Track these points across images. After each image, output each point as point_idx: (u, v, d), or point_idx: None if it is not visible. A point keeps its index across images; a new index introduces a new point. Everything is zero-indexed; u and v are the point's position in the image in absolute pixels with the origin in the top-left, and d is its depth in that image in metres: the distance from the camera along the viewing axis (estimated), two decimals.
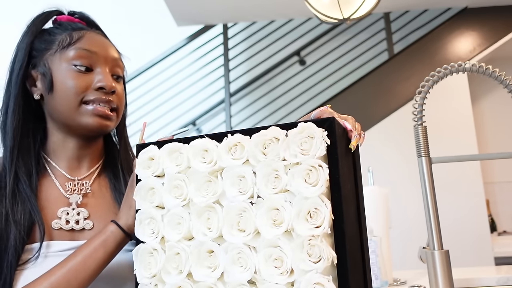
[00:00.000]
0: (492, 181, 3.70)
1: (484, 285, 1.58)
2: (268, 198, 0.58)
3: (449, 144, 3.04)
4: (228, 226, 0.60)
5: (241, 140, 0.62)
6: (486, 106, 3.83)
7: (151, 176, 0.68)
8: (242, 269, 0.58)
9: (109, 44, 0.84)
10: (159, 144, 0.68)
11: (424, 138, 0.82)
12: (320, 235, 0.54)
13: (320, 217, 0.55)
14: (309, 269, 0.54)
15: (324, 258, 0.54)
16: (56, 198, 0.79)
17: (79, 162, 0.84)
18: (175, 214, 0.64)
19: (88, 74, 0.79)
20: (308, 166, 0.57)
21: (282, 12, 3.57)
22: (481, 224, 3.07)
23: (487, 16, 3.39)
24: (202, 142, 0.65)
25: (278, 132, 0.60)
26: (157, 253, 0.64)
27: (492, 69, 0.82)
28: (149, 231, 0.66)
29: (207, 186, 0.63)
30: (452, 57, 3.33)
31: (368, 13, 2.10)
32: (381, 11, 3.56)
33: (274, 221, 0.58)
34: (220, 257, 0.60)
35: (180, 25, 3.69)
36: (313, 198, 0.56)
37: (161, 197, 0.66)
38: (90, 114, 0.78)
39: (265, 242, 0.57)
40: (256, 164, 0.61)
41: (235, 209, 0.60)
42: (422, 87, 0.82)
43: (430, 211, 0.80)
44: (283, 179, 0.58)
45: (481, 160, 3.38)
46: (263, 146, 0.61)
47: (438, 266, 0.77)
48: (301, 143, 0.59)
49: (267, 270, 0.56)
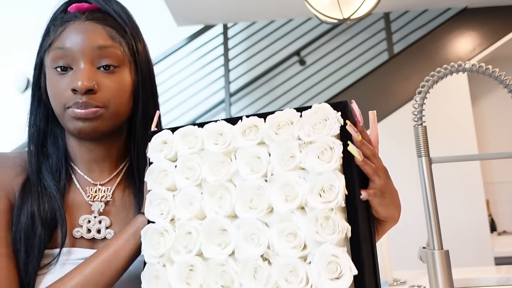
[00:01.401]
0: (492, 181, 3.70)
1: (484, 285, 1.58)
2: (281, 175, 0.59)
3: (449, 144, 3.04)
4: (241, 203, 0.60)
5: (256, 122, 0.63)
6: (486, 106, 3.83)
7: (163, 159, 0.67)
8: (254, 245, 0.57)
9: (93, 31, 0.73)
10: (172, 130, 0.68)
11: (424, 138, 0.82)
12: (334, 208, 0.55)
13: (334, 191, 0.56)
14: (323, 241, 0.54)
15: (339, 230, 0.54)
16: (79, 203, 0.77)
17: (99, 166, 0.80)
18: (187, 193, 0.63)
19: (66, 75, 0.72)
20: (322, 144, 0.58)
21: (282, 12, 3.57)
22: (481, 224, 3.07)
23: (487, 16, 3.39)
24: (217, 125, 0.65)
25: (293, 114, 0.62)
26: (166, 233, 0.63)
27: (492, 69, 0.82)
28: (159, 212, 0.65)
29: (220, 166, 0.63)
30: (452, 57, 3.33)
31: (368, 13, 2.10)
32: (381, 11, 3.56)
33: (288, 197, 0.58)
34: (232, 234, 0.59)
35: (180, 25, 3.69)
36: (327, 173, 0.56)
37: (173, 179, 0.65)
38: (71, 119, 0.72)
39: (279, 217, 0.57)
40: (270, 143, 0.61)
41: (248, 187, 0.60)
42: (422, 87, 0.82)
43: (430, 211, 0.80)
44: (297, 157, 0.59)
45: (481, 160, 3.38)
46: (277, 127, 0.62)
47: (438, 266, 0.77)
48: (315, 123, 0.60)
49: (280, 244, 0.56)
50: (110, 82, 0.73)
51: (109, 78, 0.73)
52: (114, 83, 0.73)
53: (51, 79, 0.73)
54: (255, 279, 0.56)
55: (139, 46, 0.78)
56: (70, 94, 0.71)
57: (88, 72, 0.71)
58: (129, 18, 0.79)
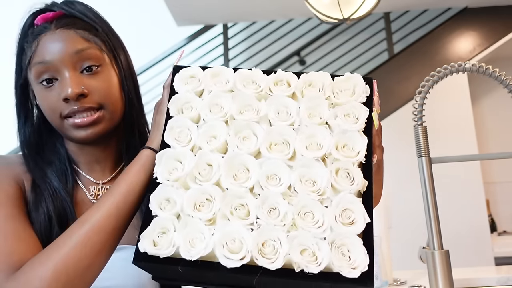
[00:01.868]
0: (492, 181, 3.70)
1: (484, 285, 1.58)
2: (309, 127, 0.63)
3: (449, 144, 3.04)
4: (266, 145, 0.62)
5: (289, 78, 0.67)
6: (486, 106, 3.83)
7: (190, 91, 0.67)
8: (276, 183, 0.59)
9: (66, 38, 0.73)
10: (202, 68, 0.70)
11: (424, 138, 0.82)
12: (355, 163, 0.60)
13: (356, 149, 0.61)
14: (342, 189, 0.58)
15: (358, 183, 0.58)
16: (83, 202, 0.78)
17: (100, 166, 0.81)
18: (212, 126, 0.63)
19: (53, 87, 0.73)
20: (350, 107, 0.64)
21: (282, 12, 3.57)
22: (481, 224, 3.07)
23: (487, 16, 3.39)
24: (251, 72, 0.68)
25: (326, 76, 0.67)
26: (185, 159, 0.61)
27: (492, 69, 0.82)
28: (178, 138, 0.64)
29: (249, 108, 0.65)
30: (452, 57, 3.33)
31: (368, 13, 2.10)
32: (381, 11, 3.56)
33: (313, 147, 0.62)
34: (254, 171, 0.60)
35: (180, 25, 3.69)
36: (352, 132, 0.62)
37: (198, 112, 0.65)
38: (72, 128, 0.73)
39: (302, 162, 0.60)
40: (300, 97, 0.66)
41: (276, 131, 0.63)
42: (422, 87, 0.82)
43: (430, 211, 0.80)
44: (325, 114, 0.64)
45: (481, 160, 3.38)
46: (309, 85, 0.67)
47: (438, 266, 0.77)
48: (344, 89, 0.66)
49: (301, 186, 0.59)
50: (98, 83, 0.74)
51: (95, 79, 0.74)
52: (101, 82, 0.74)
53: (40, 94, 0.74)
54: (271, 214, 0.57)
55: (113, 40, 0.79)
56: (63, 104, 0.72)
57: (74, 78, 0.71)
58: (95, 15, 0.79)
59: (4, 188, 0.72)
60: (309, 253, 0.55)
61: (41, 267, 0.59)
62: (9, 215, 0.69)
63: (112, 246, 0.63)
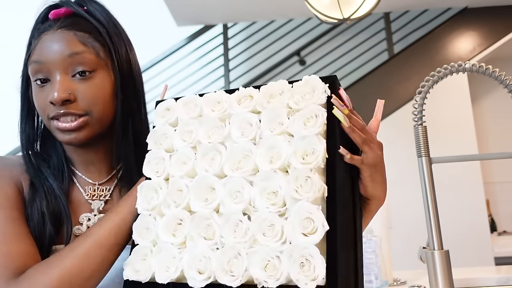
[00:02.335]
0: (492, 181, 3.70)
1: (484, 285, 1.58)
2: (269, 138, 0.63)
3: (449, 144, 3.04)
4: (230, 164, 0.64)
5: (251, 92, 0.68)
6: (486, 106, 3.83)
7: (165, 123, 0.72)
8: (237, 201, 0.61)
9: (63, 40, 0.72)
10: (176, 99, 0.74)
11: (424, 138, 0.82)
12: (313, 169, 0.58)
13: (316, 154, 0.59)
14: (300, 198, 0.57)
15: (316, 189, 0.57)
16: (79, 202, 0.78)
17: (96, 167, 0.81)
18: (182, 154, 0.68)
19: (45, 87, 0.73)
20: (309, 111, 0.62)
21: (282, 12, 3.57)
22: (481, 224, 3.07)
23: (487, 16, 3.39)
24: (216, 94, 0.70)
25: (285, 85, 0.66)
26: (160, 189, 0.67)
27: (492, 69, 0.82)
28: (156, 170, 0.69)
29: (215, 130, 0.67)
30: (452, 57, 3.33)
31: (368, 13, 2.10)
32: (381, 11, 3.56)
33: (273, 158, 0.62)
34: (219, 191, 0.63)
35: (180, 25, 3.69)
36: (310, 137, 0.60)
37: (172, 141, 0.70)
38: (57, 130, 0.73)
39: (262, 176, 0.61)
40: (261, 110, 0.66)
41: (238, 148, 0.64)
42: (422, 87, 0.83)
43: (430, 211, 0.80)
44: (285, 123, 0.63)
45: (481, 160, 3.38)
46: (270, 96, 0.67)
47: (438, 266, 0.77)
48: (304, 93, 0.65)
49: (261, 200, 0.59)
50: (87, 89, 0.72)
51: (85, 84, 0.72)
52: (92, 88, 0.73)
53: (34, 92, 0.75)
54: (235, 232, 0.59)
55: (118, 45, 0.77)
56: (50, 106, 0.72)
57: (63, 83, 0.71)
58: (106, 17, 0.77)
59: (4, 189, 0.72)
60: (271, 268, 0.56)
61: (44, 275, 0.61)
62: (9, 218, 0.69)
63: (111, 260, 0.67)
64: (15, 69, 0.79)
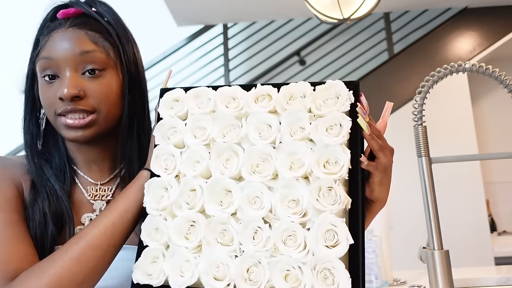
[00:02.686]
0: (492, 181, 3.70)
1: (484, 285, 1.58)
2: (290, 144, 0.60)
3: (449, 144, 3.04)
4: (247, 167, 0.61)
5: (270, 91, 0.64)
6: (486, 106, 3.83)
7: (173, 115, 0.68)
8: (257, 207, 0.58)
9: (75, 38, 0.73)
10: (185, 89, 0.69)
11: (424, 138, 0.82)
12: (338, 180, 0.57)
13: (339, 164, 0.57)
14: (324, 210, 0.55)
15: (340, 201, 0.55)
16: (81, 202, 0.78)
17: (98, 166, 0.81)
18: (194, 151, 0.64)
19: (54, 84, 0.73)
20: (332, 118, 0.60)
21: (282, 12, 3.57)
22: (481, 224, 3.07)
23: (487, 16, 3.39)
24: (231, 89, 0.66)
25: (307, 87, 0.63)
26: (170, 188, 0.63)
27: (492, 69, 0.82)
28: (165, 166, 0.65)
29: (230, 129, 0.64)
30: (452, 57, 3.33)
31: (368, 13, 2.10)
32: (381, 11, 3.56)
33: (294, 165, 0.59)
34: (236, 195, 0.60)
35: (180, 25, 3.69)
36: (334, 146, 0.58)
37: (182, 137, 0.66)
38: (64, 127, 0.73)
39: (283, 183, 0.59)
40: (281, 112, 0.63)
41: (256, 151, 0.61)
42: (422, 87, 0.82)
43: (430, 211, 0.80)
44: (307, 128, 0.61)
45: (481, 160, 3.38)
46: (290, 97, 0.63)
47: (438, 266, 0.77)
48: (326, 98, 0.62)
49: (282, 208, 0.57)
50: (97, 86, 0.73)
51: (95, 82, 0.73)
52: (101, 86, 0.74)
53: (41, 87, 0.75)
54: (254, 240, 0.57)
55: (126, 47, 0.78)
56: (58, 102, 0.72)
57: (73, 79, 0.72)
58: (115, 19, 0.79)
59: (3, 191, 0.72)
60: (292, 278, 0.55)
61: (36, 280, 0.60)
62: (8, 221, 0.69)
63: (107, 262, 0.64)
64: (15, 69, 0.79)
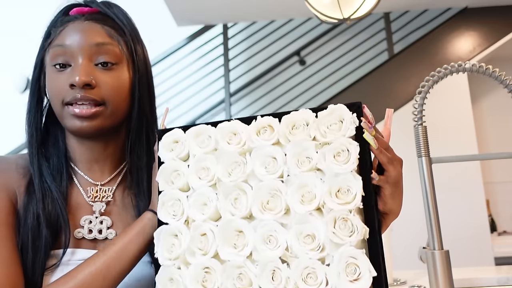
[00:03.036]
0: (492, 181, 3.70)
1: (484, 285, 1.58)
2: (298, 176, 0.59)
3: (449, 144, 3.04)
4: (258, 204, 0.59)
5: (271, 122, 0.63)
6: (486, 106, 3.83)
7: (175, 158, 0.66)
8: (272, 247, 0.57)
9: (91, 30, 0.74)
10: (183, 128, 0.67)
11: (424, 138, 0.82)
12: (353, 210, 0.55)
13: (352, 192, 0.56)
14: (342, 243, 0.54)
15: (358, 232, 0.54)
16: (79, 204, 0.77)
17: (99, 165, 0.80)
18: (201, 194, 0.62)
19: (65, 72, 0.72)
20: (339, 145, 0.58)
21: (282, 12, 3.57)
22: (481, 224, 3.07)
23: (487, 16, 3.39)
24: (231, 124, 0.64)
25: (308, 114, 0.62)
26: (181, 234, 0.62)
27: (492, 69, 0.82)
28: (172, 213, 0.64)
29: (235, 166, 0.62)
30: (452, 57, 3.33)
31: (368, 13, 2.10)
32: (381, 11, 3.56)
33: (305, 198, 0.58)
34: (249, 236, 0.58)
35: (180, 25, 3.69)
36: (344, 175, 0.57)
37: (186, 179, 0.64)
38: (70, 116, 0.72)
39: (297, 218, 0.57)
40: (286, 143, 0.61)
41: (265, 187, 0.60)
42: (422, 87, 0.82)
43: (430, 211, 0.80)
44: (314, 158, 0.59)
45: (481, 160, 3.38)
46: (292, 127, 0.62)
47: (438, 266, 0.77)
48: (330, 124, 0.61)
49: (299, 246, 0.56)
50: (108, 78, 0.73)
51: (107, 74, 0.73)
52: (112, 79, 0.74)
53: (50, 76, 0.74)
54: (273, 281, 0.56)
55: (138, 47, 0.79)
56: (68, 90, 0.71)
57: (86, 67, 0.72)
58: (128, 21, 0.80)
59: None
60: None
61: None
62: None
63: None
64: (15, 70, 0.79)
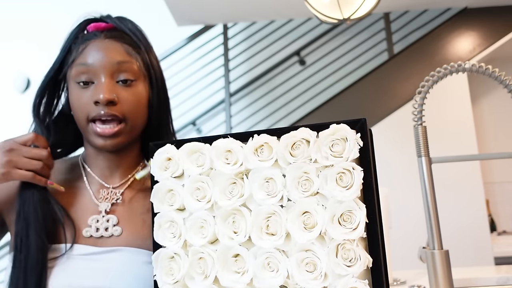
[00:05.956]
0: (492, 181, 3.70)
1: (484, 285, 1.58)
2: (299, 202, 0.57)
3: (449, 144, 3.04)
4: (257, 230, 0.58)
5: (269, 140, 0.60)
6: (486, 106, 3.83)
7: (169, 177, 0.64)
8: (273, 274, 0.56)
9: (112, 48, 0.79)
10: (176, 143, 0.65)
11: (424, 138, 0.82)
12: (356, 239, 0.54)
13: (355, 220, 0.54)
14: (345, 274, 0.53)
15: (360, 262, 0.52)
16: (87, 205, 0.81)
17: (112, 172, 0.84)
18: (198, 217, 0.61)
19: (89, 89, 0.77)
20: (341, 169, 0.56)
21: (282, 12, 3.57)
22: (481, 224, 3.07)
23: (487, 16, 3.39)
24: (225, 142, 0.62)
25: (309, 133, 0.58)
26: (179, 258, 0.61)
27: (492, 69, 0.82)
28: (170, 235, 0.62)
29: (232, 189, 0.60)
30: (452, 57, 3.33)
31: (368, 13, 2.10)
32: (381, 11, 3.56)
33: (307, 225, 0.56)
34: (249, 262, 0.57)
35: (180, 25, 3.69)
36: (347, 202, 0.55)
37: (182, 199, 0.62)
38: (94, 134, 0.77)
39: (297, 246, 0.56)
40: (285, 166, 0.59)
41: (264, 212, 0.58)
42: (422, 87, 0.83)
43: (430, 211, 0.80)
44: (315, 182, 0.57)
45: (481, 160, 3.38)
46: (292, 147, 0.59)
47: (438, 266, 0.77)
48: (332, 145, 0.57)
49: (300, 274, 0.55)
50: (128, 95, 0.78)
51: (127, 91, 0.78)
52: (132, 95, 0.79)
53: (74, 93, 0.78)
54: None
55: (153, 60, 0.84)
56: (92, 107, 0.76)
57: (109, 85, 0.76)
58: (142, 35, 0.85)
59: None
60: None
61: None
62: None
63: None
64: (15, 70, 0.80)
